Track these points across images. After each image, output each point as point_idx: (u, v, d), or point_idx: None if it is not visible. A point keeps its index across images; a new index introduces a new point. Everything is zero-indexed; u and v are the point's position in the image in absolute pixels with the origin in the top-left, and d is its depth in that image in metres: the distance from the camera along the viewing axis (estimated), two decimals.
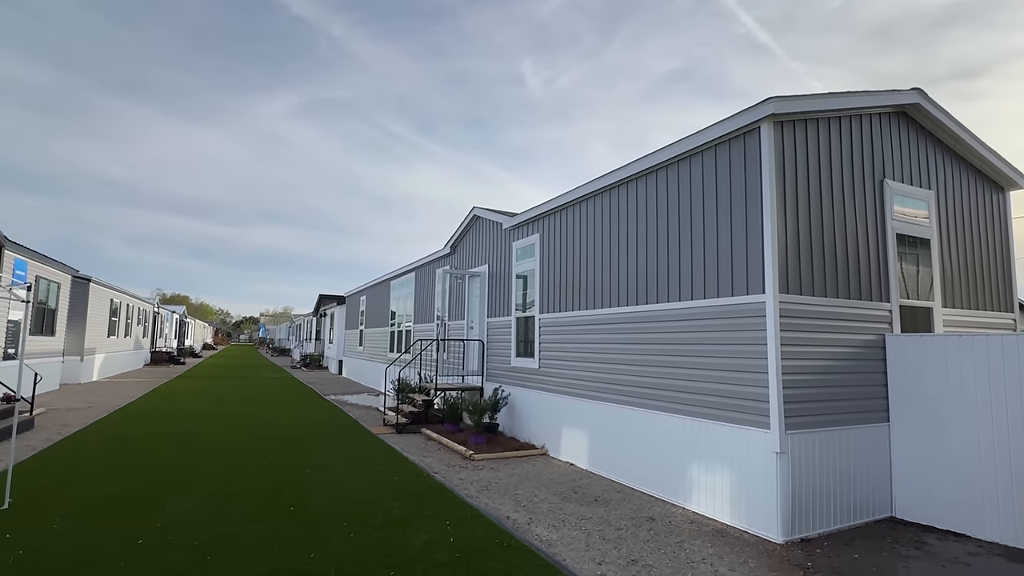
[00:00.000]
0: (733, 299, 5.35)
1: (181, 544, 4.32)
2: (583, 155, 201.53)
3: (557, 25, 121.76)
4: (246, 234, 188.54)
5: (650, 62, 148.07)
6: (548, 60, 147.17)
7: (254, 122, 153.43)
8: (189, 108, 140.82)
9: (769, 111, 5.00)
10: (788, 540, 4.76)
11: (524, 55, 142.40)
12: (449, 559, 4.17)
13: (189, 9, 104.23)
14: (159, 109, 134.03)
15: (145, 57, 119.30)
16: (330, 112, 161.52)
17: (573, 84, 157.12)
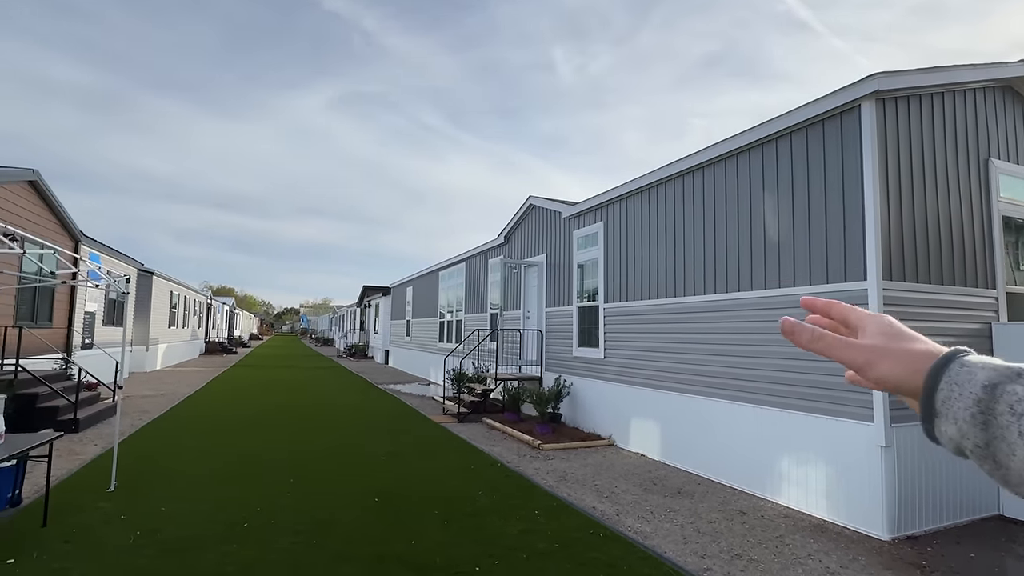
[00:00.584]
0: (829, 286, 5.13)
1: (284, 529, 4.43)
2: (617, 143, 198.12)
3: (588, 10, 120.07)
4: (284, 227, 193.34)
5: (685, 45, 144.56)
6: (579, 46, 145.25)
7: (291, 117, 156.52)
8: (228, 105, 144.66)
9: (873, 88, 4.74)
10: (894, 537, 4.56)
11: (555, 42, 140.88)
12: (548, 548, 4.15)
13: (223, 6, 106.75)
14: (200, 106, 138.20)
15: (183, 55, 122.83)
16: (365, 106, 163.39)
17: (605, 70, 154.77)
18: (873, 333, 0.54)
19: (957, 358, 0.49)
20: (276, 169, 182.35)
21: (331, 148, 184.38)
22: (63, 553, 3.86)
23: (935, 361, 0.50)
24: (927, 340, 0.53)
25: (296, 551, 3.99)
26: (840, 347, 0.55)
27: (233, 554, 3.91)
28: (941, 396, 0.48)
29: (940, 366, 0.49)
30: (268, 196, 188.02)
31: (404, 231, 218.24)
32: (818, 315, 0.61)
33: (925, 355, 0.51)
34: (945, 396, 0.48)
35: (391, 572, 3.69)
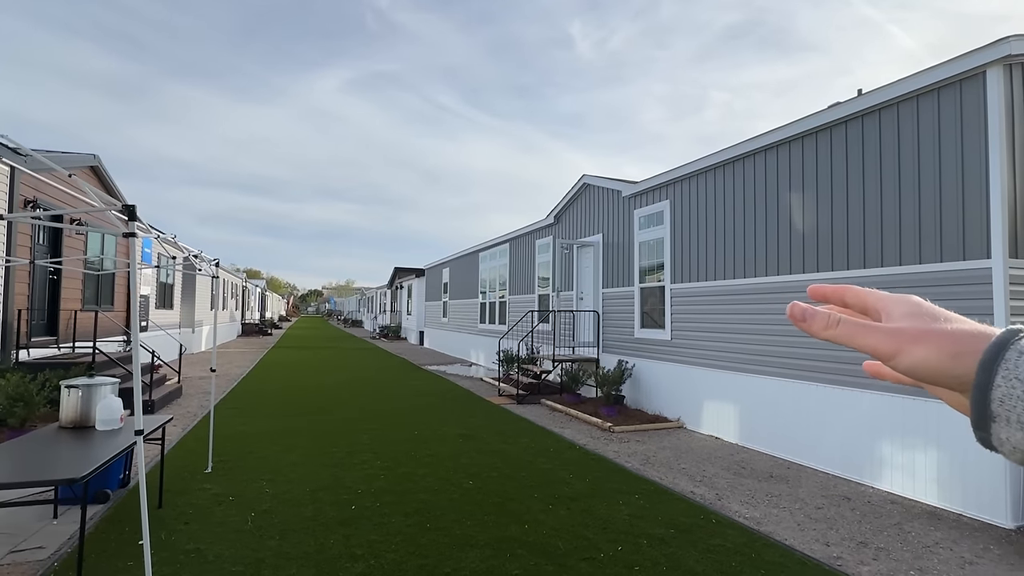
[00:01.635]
0: (943, 265, 4.89)
1: (393, 511, 4.43)
2: (636, 119, 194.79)
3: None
4: (305, 210, 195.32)
5: (708, 16, 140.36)
6: (598, 20, 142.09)
7: (310, 100, 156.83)
8: (247, 89, 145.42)
9: (1004, 52, 4.44)
10: (1018, 526, 4.39)
11: (572, 16, 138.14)
12: (665, 534, 4.08)
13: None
14: (219, 91, 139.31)
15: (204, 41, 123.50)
16: (381, 86, 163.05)
17: (625, 44, 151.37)
18: (900, 315, 0.45)
19: (1014, 343, 0.39)
20: (297, 152, 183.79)
21: (349, 130, 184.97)
22: (189, 534, 3.91)
23: (986, 348, 0.39)
24: (967, 319, 0.44)
25: (413, 534, 3.98)
26: (863, 332, 0.46)
27: (355, 536, 3.91)
28: (998, 394, 0.38)
29: (993, 355, 0.38)
30: (289, 179, 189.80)
31: (423, 212, 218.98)
32: (830, 304, 0.52)
33: (970, 336, 0.41)
34: (1004, 394, 0.38)
35: (518, 556, 3.65)
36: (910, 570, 3.62)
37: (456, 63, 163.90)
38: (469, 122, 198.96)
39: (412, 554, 3.66)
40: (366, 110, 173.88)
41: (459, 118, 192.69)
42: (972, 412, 0.40)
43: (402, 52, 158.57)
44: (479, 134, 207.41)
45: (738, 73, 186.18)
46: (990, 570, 3.66)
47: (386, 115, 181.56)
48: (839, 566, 3.65)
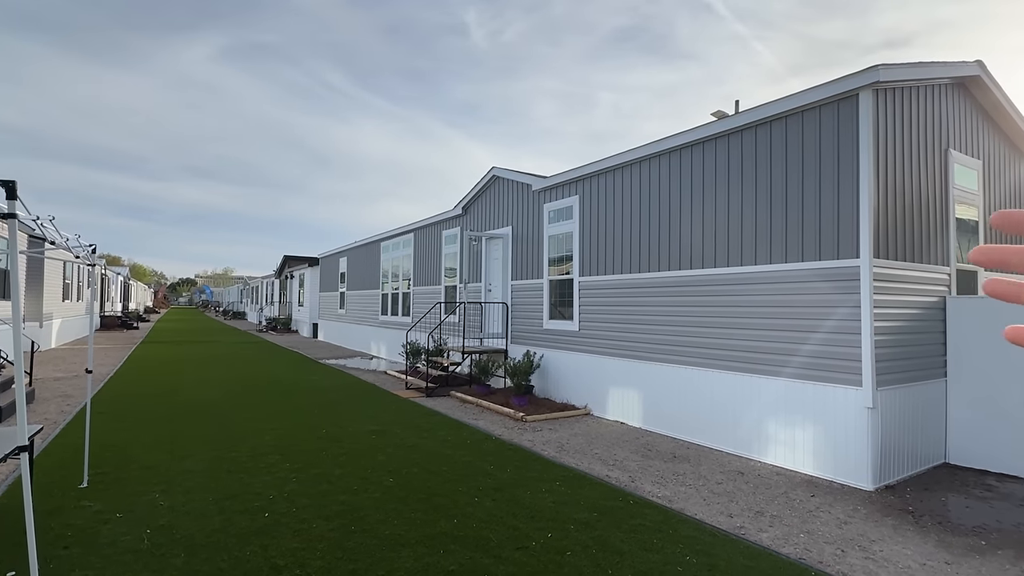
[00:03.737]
0: (823, 263, 5.53)
1: (312, 516, 4.18)
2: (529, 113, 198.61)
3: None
4: (175, 190, 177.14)
5: (598, 18, 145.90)
6: (493, 11, 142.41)
7: (175, 66, 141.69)
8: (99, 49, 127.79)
9: (874, 79, 5.09)
10: (876, 487, 5.12)
11: (468, 4, 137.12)
12: (589, 518, 4.25)
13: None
14: (63, 48, 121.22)
15: None
16: (261, 58, 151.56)
17: (519, 38, 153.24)
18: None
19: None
20: (160, 125, 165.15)
21: (225, 104, 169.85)
22: (72, 560, 3.41)
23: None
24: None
25: (338, 538, 3.79)
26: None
27: (274, 546, 3.64)
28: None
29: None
30: (154, 155, 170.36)
31: (312, 197, 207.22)
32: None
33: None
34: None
35: (452, 552, 3.61)
36: (800, 533, 4.09)
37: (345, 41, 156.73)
38: (361, 104, 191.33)
39: (340, 559, 3.48)
40: (244, 83, 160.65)
41: (350, 99, 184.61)
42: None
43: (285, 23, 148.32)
44: (372, 117, 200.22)
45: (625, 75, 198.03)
46: (861, 527, 4.23)
47: (268, 91, 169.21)
48: (743, 534, 4.03)
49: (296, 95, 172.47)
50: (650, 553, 3.65)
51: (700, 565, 3.50)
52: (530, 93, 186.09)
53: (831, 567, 3.56)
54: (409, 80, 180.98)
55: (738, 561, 3.57)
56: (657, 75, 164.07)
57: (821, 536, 4.04)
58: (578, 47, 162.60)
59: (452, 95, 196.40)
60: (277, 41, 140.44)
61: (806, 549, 3.81)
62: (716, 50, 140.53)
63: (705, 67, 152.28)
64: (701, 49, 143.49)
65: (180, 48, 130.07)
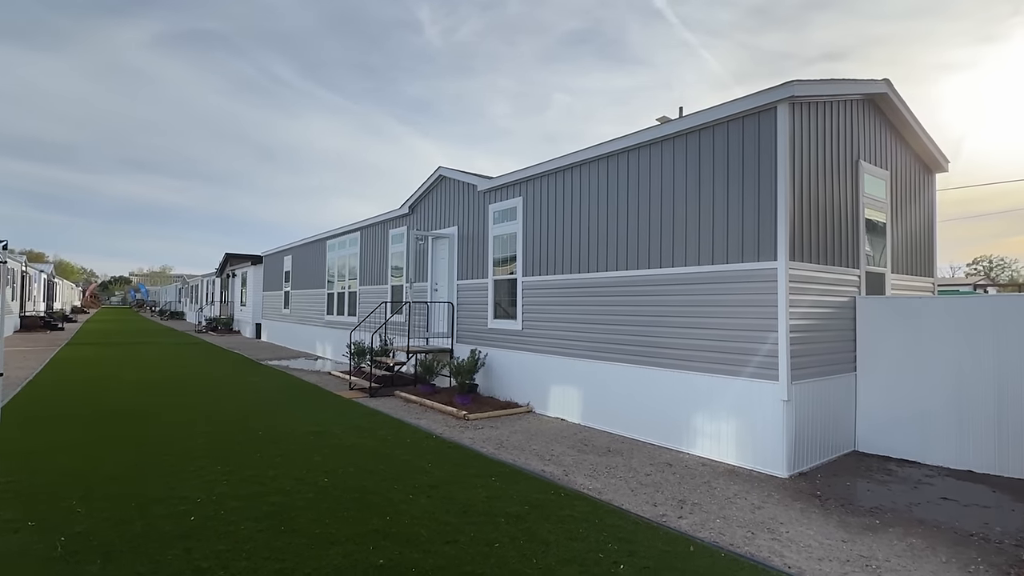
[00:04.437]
0: (744, 265, 5.88)
1: (241, 517, 4.13)
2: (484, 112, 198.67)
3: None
4: (108, 183, 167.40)
5: (552, 19, 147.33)
6: (447, 8, 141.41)
7: (106, 51, 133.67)
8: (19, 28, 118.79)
9: (790, 93, 5.45)
10: (791, 475, 5.49)
11: (422, 1, 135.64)
12: (521, 511, 4.38)
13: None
14: None
15: None
16: (202, 46, 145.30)
17: (473, 36, 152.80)
18: None
19: None
20: (91, 112, 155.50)
21: (163, 93, 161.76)
22: None
23: None
24: None
25: (266, 538, 3.77)
26: None
27: (198, 549, 3.58)
28: None
29: None
30: (84, 144, 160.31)
31: (257, 193, 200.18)
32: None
33: None
34: None
35: (382, 548, 3.66)
36: (716, 519, 4.35)
37: (293, 31, 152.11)
38: (309, 97, 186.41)
39: (267, 559, 3.47)
40: (184, 72, 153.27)
41: (298, 93, 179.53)
42: None
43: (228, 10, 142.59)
44: (321, 112, 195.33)
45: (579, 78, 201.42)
46: (773, 511, 4.54)
47: (210, 80, 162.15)
48: (664, 522, 4.25)
49: (240, 86, 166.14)
50: (575, 542, 3.81)
51: (621, 551, 3.68)
52: (485, 92, 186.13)
53: (740, 548, 3.82)
54: (361, 75, 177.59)
55: (656, 546, 3.77)
56: (610, 79, 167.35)
57: (735, 521, 4.32)
58: (533, 48, 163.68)
59: (405, 92, 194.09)
60: (219, 28, 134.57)
61: (720, 533, 4.07)
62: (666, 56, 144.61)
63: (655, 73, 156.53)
64: (652, 55, 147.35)
65: (112, 32, 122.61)
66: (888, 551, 3.82)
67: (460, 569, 3.41)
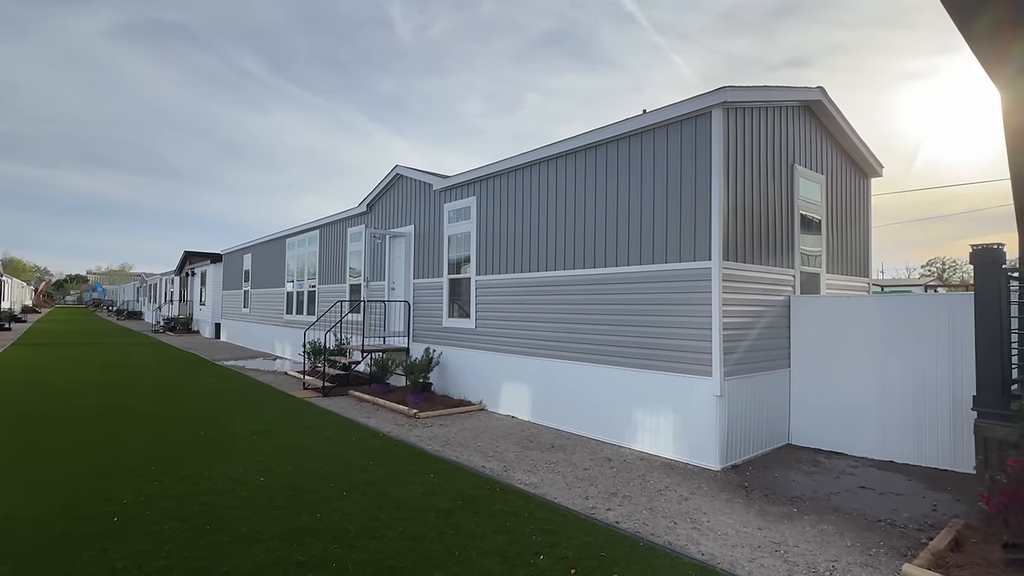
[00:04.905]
0: (680, 264, 6.05)
1: (167, 517, 4.08)
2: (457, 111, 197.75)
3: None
4: (63, 178, 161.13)
5: (526, 19, 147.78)
6: (419, 5, 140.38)
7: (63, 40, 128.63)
8: None
9: (723, 99, 5.64)
10: (723, 467, 5.68)
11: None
12: (454, 506, 4.44)
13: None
14: None
15: None
16: (164, 38, 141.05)
17: (446, 34, 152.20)
18: None
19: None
20: (45, 104, 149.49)
21: (122, 84, 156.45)
22: None
23: None
24: None
25: (190, 538, 3.74)
26: None
27: (117, 550, 3.54)
28: None
29: None
30: (36, 136, 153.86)
31: (222, 190, 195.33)
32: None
33: None
34: None
35: (307, 544, 3.67)
36: (644, 510, 4.49)
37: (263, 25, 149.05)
38: (278, 93, 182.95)
39: (186, 558, 3.45)
40: (145, 63, 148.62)
41: (266, 87, 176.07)
42: None
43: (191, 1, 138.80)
44: (291, 107, 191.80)
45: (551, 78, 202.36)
46: (699, 502, 4.70)
47: (172, 73, 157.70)
48: (592, 514, 4.37)
49: (205, 80, 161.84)
50: (500, 535, 3.89)
51: (543, 543, 3.78)
52: (458, 91, 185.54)
53: (660, 537, 3.95)
54: (331, 71, 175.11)
55: (579, 537, 3.88)
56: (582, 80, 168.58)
57: (661, 512, 4.46)
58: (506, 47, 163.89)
59: (377, 89, 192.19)
60: (183, 19, 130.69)
61: (644, 523, 4.20)
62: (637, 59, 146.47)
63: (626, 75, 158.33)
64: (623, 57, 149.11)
65: (67, 19, 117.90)
66: (799, 537, 4.00)
67: (382, 563, 3.45)
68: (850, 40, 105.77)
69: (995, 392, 4.12)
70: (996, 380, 4.11)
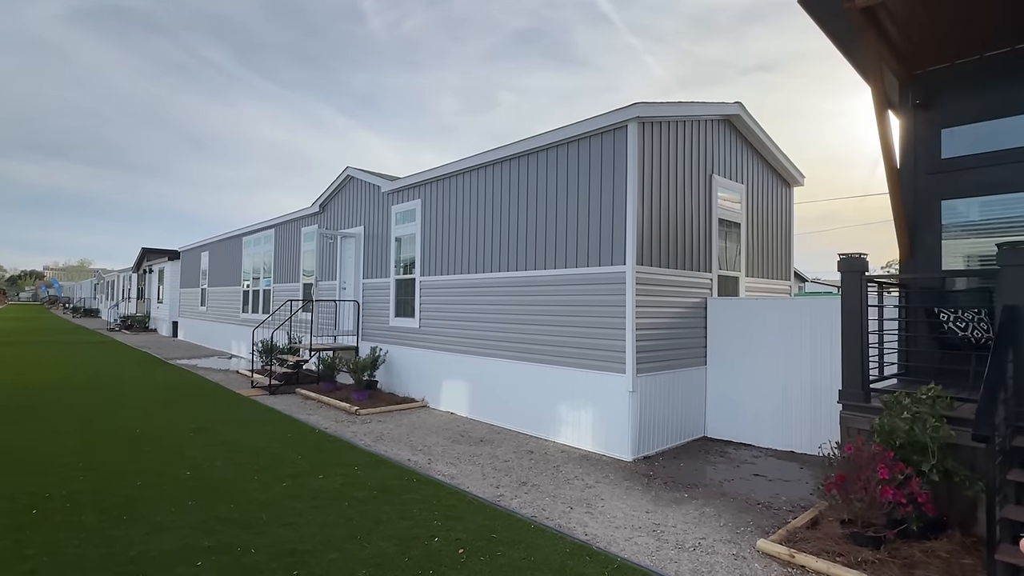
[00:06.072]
0: (599, 268, 6.43)
1: (87, 510, 4.26)
2: (431, 107, 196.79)
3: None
4: (15, 168, 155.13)
5: (499, 17, 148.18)
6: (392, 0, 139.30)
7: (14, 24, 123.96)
8: None
9: (636, 113, 6.04)
10: (635, 458, 6.08)
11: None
12: (368, 496, 4.72)
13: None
14: None
15: None
16: (122, 24, 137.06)
17: (419, 30, 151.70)
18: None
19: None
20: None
21: (76, 72, 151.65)
22: None
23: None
24: None
25: (105, 528, 3.94)
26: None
27: (30, 540, 3.71)
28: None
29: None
30: None
31: (186, 185, 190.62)
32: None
33: None
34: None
35: (216, 532, 3.91)
36: (547, 497, 4.84)
37: (227, 14, 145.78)
38: (245, 85, 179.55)
39: (97, 546, 3.65)
40: (101, 49, 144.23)
41: (231, 79, 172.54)
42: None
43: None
44: (258, 100, 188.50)
45: (526, 77, 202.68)
46: (601, 489, 5.08)
47: (129, 60, 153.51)
48: (498, 501, 4.70)
49: (165, 68, 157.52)
50: (404, 520, 4.19)
51: (442, 527, 4.09)
52: (431, 87, 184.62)
53: (553, 520, 4.30)
54: (300, 64, 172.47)
55: (477, 522, 4.20)
56: (555, 79, 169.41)
57: (562, 499, 4.82)
58: (480, 45, 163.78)
59: (348, 83, 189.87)
60: (143, 6, 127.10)
61: (542, 508, 4.55)
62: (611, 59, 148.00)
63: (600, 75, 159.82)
64: (597, 57, 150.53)
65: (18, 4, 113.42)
66: (680, 519, 4.40)
67: (284, 547, 3.71)
68: (817, 46, 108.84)
69: (857, 387, 4.59)
70: (857, 376, 4.58)
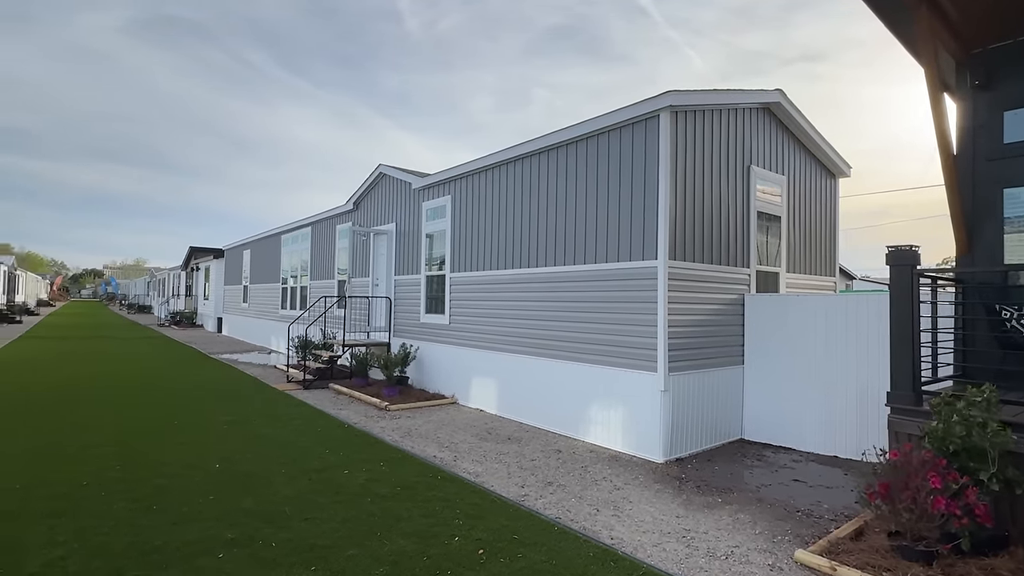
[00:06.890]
0: (630, 263, 6.23)
1: (119, 498, 4.36)
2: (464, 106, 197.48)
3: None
4: (68, 172, 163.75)
5: (533, 14, 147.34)
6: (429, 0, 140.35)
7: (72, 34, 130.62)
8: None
9: (668, 102, 5.80)
10: (666, 460, 5.86)
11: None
12: (391, 492, 4.67)
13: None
14: None
15: None
16: (172, 33, 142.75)
17: (454, 30, 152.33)
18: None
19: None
20: (54, 98, 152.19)
21: (131, 80, 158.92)
22: None
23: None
24: None
25: (133, 517, 4.01)
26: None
27: (63, 526, 3.82)
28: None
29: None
30: (46, 131, 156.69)
31: (228, 185, 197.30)
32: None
33: None
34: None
35: (240, 524, 3.93)
36: (573, 498, 4.69)
37: (268, 18, 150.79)
38: (284, 87, 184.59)
39: (124, 534, 3.72)
40: (152, 58, 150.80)
41: (270, 80, 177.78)
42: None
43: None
44: (296, 102, 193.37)
45: (560, 73, 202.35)
46: (631, 491, 4.89)
47: (179, 67, 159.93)
48: (522, 501, 4.58)
49: (212, 74, 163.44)
50: (426, 518, 4.12)
51: (464, 526, 4.00)
52: (466, 86, 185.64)
53: (578, 523, 4.16)
54: (338, 65, 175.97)
55: (499, 522, 4.10)
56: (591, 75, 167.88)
57: (589, 500, 4.66)
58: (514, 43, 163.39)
59: (384, 83, 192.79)
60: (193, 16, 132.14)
61: (567, 510, 4.40)
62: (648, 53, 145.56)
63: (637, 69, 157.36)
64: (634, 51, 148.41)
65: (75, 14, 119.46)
66: (712, 525, 4.19)
67: (305, 541, 3.69)
68: (864, 34, 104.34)
69: (907, 389, 4.26)
70: (907, 377, 4.26)
